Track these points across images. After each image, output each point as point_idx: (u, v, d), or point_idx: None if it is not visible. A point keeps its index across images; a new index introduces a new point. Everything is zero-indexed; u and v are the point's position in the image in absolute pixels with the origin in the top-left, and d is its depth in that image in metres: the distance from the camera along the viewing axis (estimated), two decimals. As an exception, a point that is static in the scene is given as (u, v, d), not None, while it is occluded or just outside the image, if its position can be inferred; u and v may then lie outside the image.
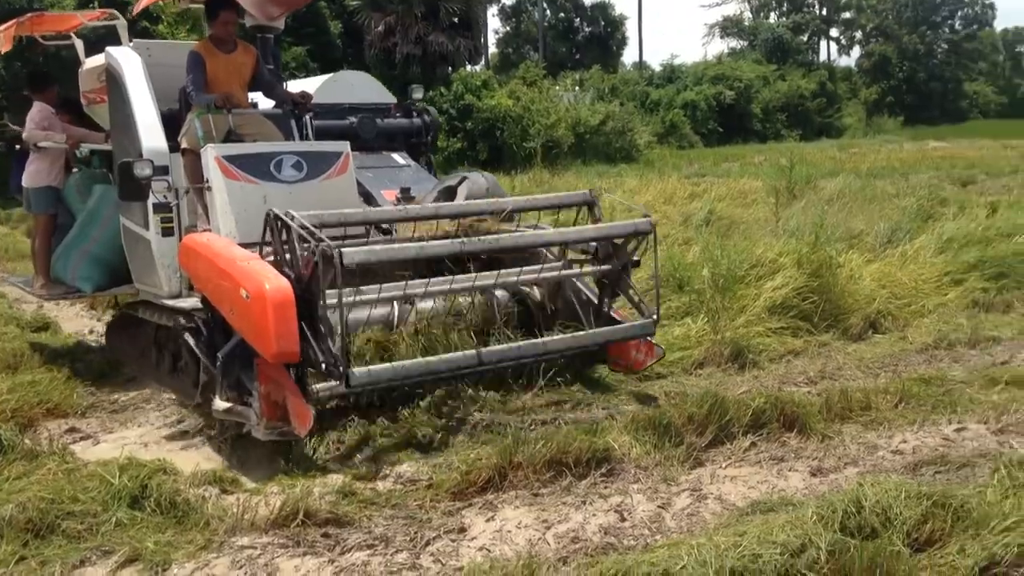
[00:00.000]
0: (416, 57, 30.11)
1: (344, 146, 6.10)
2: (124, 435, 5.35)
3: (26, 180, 6.89)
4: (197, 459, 4.87)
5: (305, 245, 4.55)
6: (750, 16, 63.64)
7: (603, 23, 53.77)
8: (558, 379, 5.58)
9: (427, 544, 3.80)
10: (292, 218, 4.61)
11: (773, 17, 62.13)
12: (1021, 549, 3.35)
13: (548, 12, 53.46)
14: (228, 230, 5.39)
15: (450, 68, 31.14)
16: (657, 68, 47.85)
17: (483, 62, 38.85)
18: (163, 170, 5.58)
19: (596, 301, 5.69)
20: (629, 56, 55.59)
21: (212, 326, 5.03)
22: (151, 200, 5.56)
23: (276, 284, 4.37)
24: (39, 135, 6.78)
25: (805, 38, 58.98)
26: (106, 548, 3.70)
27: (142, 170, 5.36)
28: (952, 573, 3.27)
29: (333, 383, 4.70)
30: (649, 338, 5.54)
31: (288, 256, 4.67)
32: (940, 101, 54.78)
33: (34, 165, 6.86)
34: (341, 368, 4.52)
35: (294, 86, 8.36)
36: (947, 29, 60.27)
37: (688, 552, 3.27)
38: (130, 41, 6.57)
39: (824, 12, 62.51)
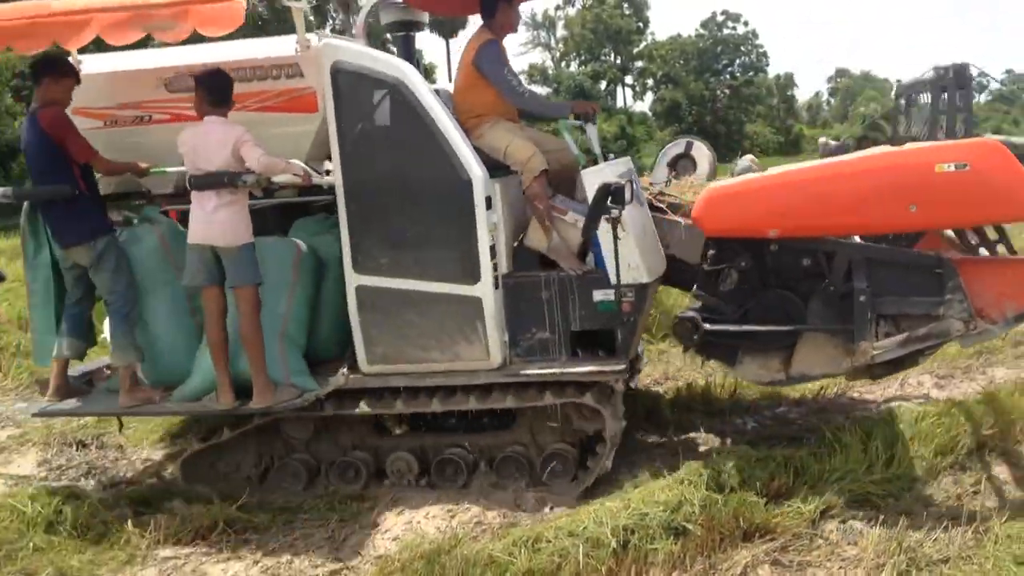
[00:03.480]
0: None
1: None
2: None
3: (224, 235, 4.33)
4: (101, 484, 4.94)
5: None
6: (552, 65, 66.80)
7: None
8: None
9: (344, 540, 4.12)
10: None
11: (574, 66, 65.45)
12: (849, 495, 4.13)
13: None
14: (633, 264, 4.47)
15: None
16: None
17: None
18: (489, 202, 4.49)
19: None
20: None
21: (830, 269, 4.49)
22: (487, 243, 4.44)
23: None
24: (277, 165, 4.36)
25: (604, 85, 62.46)
26: (29, 571, 3.78)
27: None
28: (799, 516, 3.95)
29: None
30: None
31: None
32: (726, 141, 58.97)
33: (227, 212, 4.33)
34: None
35: None
36: (728, 76, 65.60)
37: (587, 516, 3.79)
38: (308, 33, 4.54)
39: (619, 61, 66.48)
